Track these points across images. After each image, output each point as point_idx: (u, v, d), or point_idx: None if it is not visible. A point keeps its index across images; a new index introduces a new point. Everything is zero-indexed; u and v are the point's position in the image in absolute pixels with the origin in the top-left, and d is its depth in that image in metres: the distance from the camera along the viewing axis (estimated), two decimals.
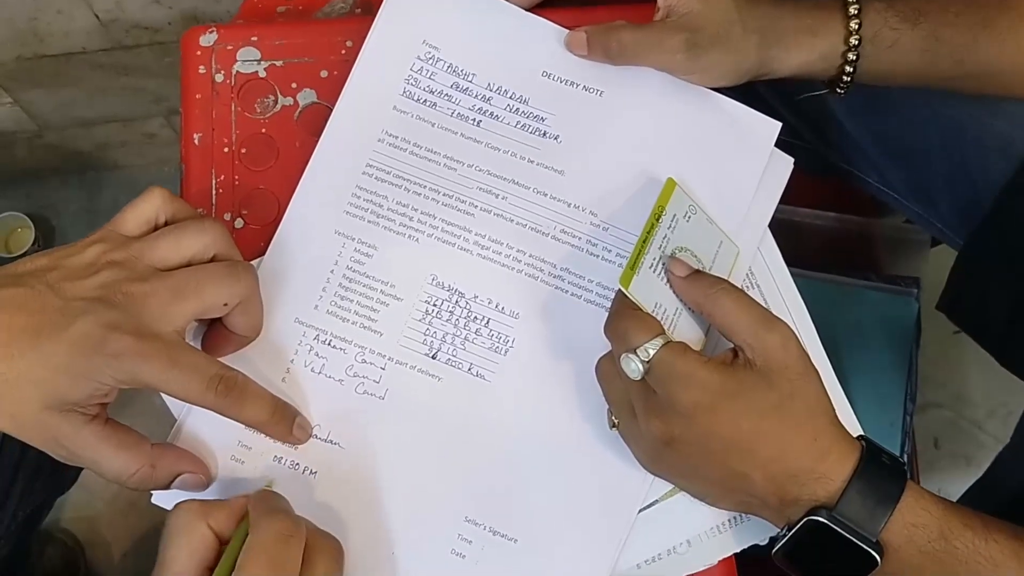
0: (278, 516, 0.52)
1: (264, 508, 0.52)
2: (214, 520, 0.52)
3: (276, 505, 0.53)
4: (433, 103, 0.65)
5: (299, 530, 0.52)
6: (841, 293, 0.99)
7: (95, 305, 0.53)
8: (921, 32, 0.65)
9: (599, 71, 0.65)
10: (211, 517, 0.52)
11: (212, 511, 0.52)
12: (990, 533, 0.53)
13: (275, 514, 0.52)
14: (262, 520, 0.51)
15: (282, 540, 0.50)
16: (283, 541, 0.50)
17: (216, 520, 0.52)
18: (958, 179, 0.77)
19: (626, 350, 0.55)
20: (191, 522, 0.52)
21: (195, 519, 0.52)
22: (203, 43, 0.66)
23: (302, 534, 0.52)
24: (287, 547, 0.50)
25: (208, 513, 0.52)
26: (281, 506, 0.53)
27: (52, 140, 1.35)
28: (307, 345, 0.62)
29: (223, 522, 0.52)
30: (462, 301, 0.62)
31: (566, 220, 0.63)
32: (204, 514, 0.52)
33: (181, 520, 0.52)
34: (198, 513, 0.52)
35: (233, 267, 0.57)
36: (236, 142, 0.65)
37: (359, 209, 0.63)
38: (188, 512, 0.52)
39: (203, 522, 0.52)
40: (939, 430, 1.38)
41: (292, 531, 0.51)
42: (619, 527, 0.60)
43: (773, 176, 0.65)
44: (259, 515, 0.52)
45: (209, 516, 0.52)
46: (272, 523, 0.51)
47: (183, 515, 0.52)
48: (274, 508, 0.53)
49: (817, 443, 0.54)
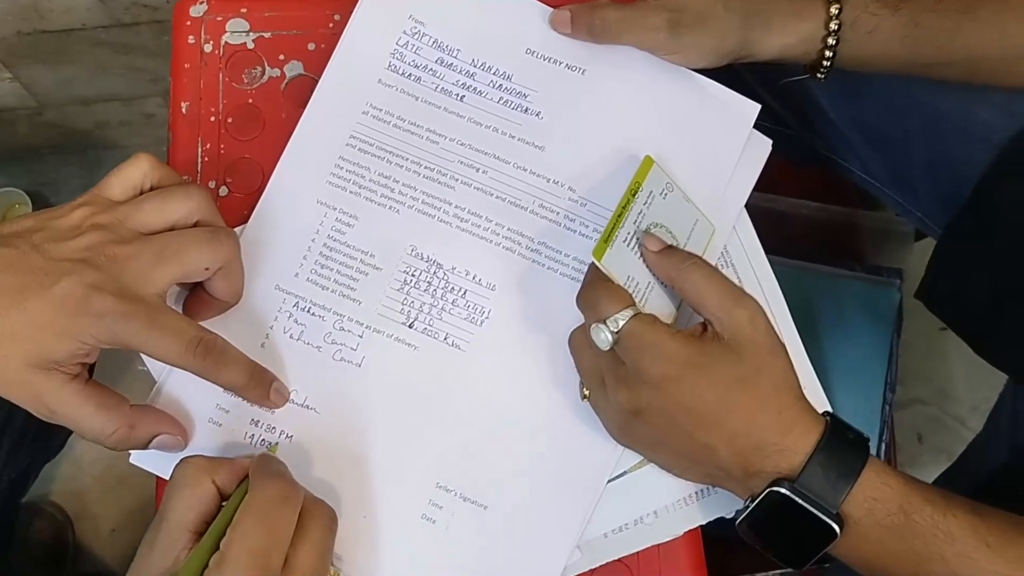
0: (276, 479, 0.53)
1: (264, 470, 0.53)
2: (218, 477, 0.53)
3: (275, 469, 0.54)
4: (418, 77, 0.66)
5: (295, 494, 0.53)
6: (825, 282, 1.00)
7: (79, 266, 0.54)
8: (902, 18, 0.66)
9: (582, 49, 0.66)
10: (216, 474, 0.53)
11: (217, 468, 0.54)
12: (950, 508, 0.54)
13: (273, 476, 0.53)
14: (260, 481, 0.52)
15: (278, 502, 0.51)
16: (279, 503, 0.51)
17: (220, 477, 0.53)
18: (939, 168, 0.78)
19: (596, 320, 0.56)
20: (196, 476, 0.53)
21: (200, 473, 0.53)
22: (193, 14, 0.67)
23: (298, 498, 0.53)
24: (282, 509, 0.51)
25: (213, 469, 0.53)
26: (280, 470, 0.55)
27: (52, 118, 1.36)
28: (287, 312, 0.63)
29: (226, 479, 0.54)
30: (440, 272, 0.63)
31: (545, 195, 0.64)
32: (209, 470, 0.53)
33: (187, 473, 0.53)
34: (204, 468, 0.53)
35: (215, 232, 0.58)
36: (223, 111, 0.66)
37: (341, 180, 0.64)
38: (194, 466, 0.53)
39: (208, 477, 0.53)
40: (923, 425, 1.39)
41: (288, 494, 0.52)
42: (588, 497, 0.61)
43: (751, 157, 0.66)
44: (258, 476, 0.53)
45: (214, 472, 0.53)
46: (270, 485, 0.52)
47: (189, 469, 0.53)
48: (273, 471, 0.54)
49: (781, 416, 0.55)
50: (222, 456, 0.60)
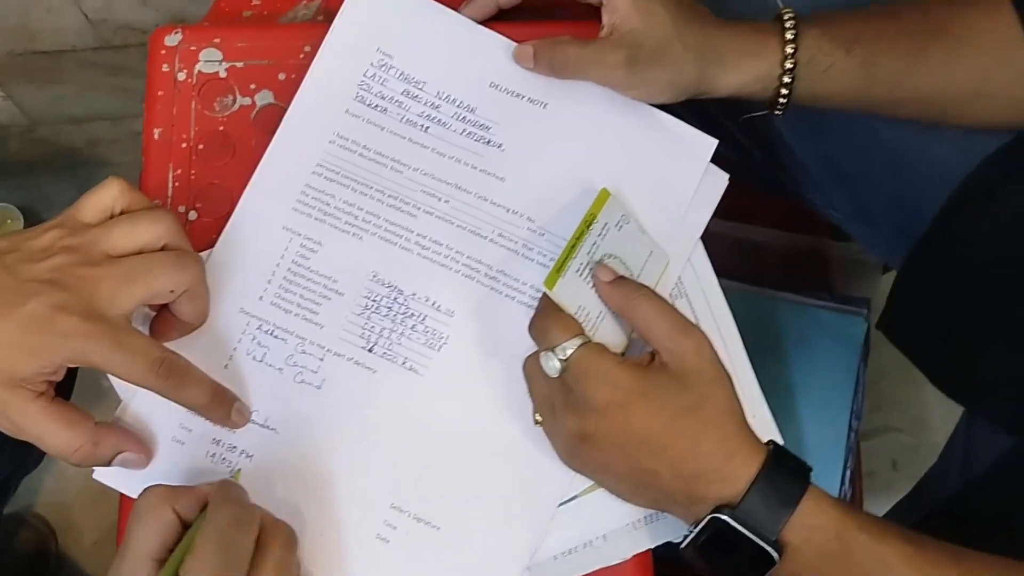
0: (232, 503, 0.54)
1: (222, 496, 0.55)
2: (179, 505, 0.54)
3: (233, 494, 0.56)
4: (384, 108, 0.68)
5: (253, 517, 0.54)
6: (794, 310, 1.02)
7: (48, 287, 0.56)
8: (855, 59, 0.68)
9: (545, 84, 0.68)
10: (177, 502, 0.54)
11: (178, 496, 0.55)
12: (884, 537, 0.56)
13: (231, 501, 0.54)
14: (218, 506, 0.54)
15: (235, 525, 0.53)
16: (236, 526, 0.53)
17: (181, 505, 0.54)
18: (898, 202, 0.80)
19: (546, 348, 0.58)
20: (158, 505, 0.54)
21: (162, 502, 0.54)
22: (168, 43, 0.69)
23: (255, 521, 0.54)
24: (239, 532, 0.53)
25: (174, 498, 0.54)
26: (238, 495, 0.56)
27: (44, 135, 1.38)
28: (250, 334, 0.64)
29: (187, 507, 0.55)
30: (400, 298, 0.65)
31: (504, 224, 0.66)
32: (171, 498, 0.54)
33: (149, 502, 0.54)
34: (165, 497, 0.54)
35: (181, 256, 0.60)
36: (194, 138, 0.68)
37: (307, 207, 0.66)
38: (156, 496, 0.55)
39: (169, 506, 0.54)
40: (898, 453, 1.41)
41: (244, 517, 0.54)
42: (539, 519, 0.62)
43: (708, 191, 0.68)
44: (216, 502, 0.54)
45: (175, 501, 0.54)
46: (226, 509, 0.54)
47: (151, 498, 0.54)
48: (231, 496, 0.55)
49: (724, 445, 0.57)
50: (184, 475, 0.62)
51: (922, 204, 0.78)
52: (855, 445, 1.00)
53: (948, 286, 0.78)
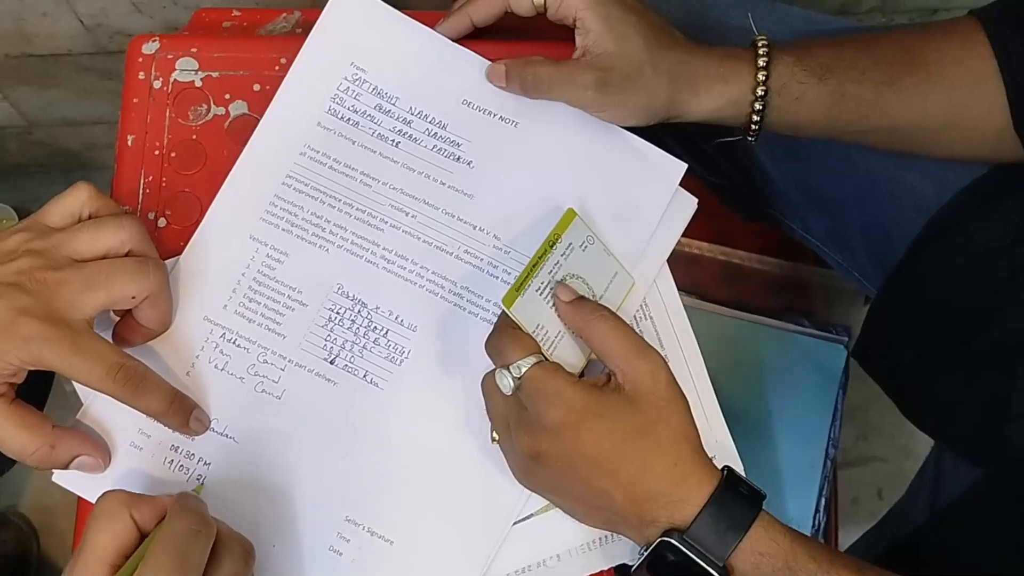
0: (189, 513, 0.54)
1: (180, 506, 0.55)
2: (138, 512, 0.54)
3: (191, 505, 0.56)
4: (356, 122, 0.68)
5: (208, 527, 0.54)
6: (774, 336, 1.02)
7: (10, 290, 0.56)
8: (827, 87, 0.68)
9: (516, 103, 0.68)
10: (135, 508, 0.54)
11: (137, 503, 0.55)
12: (833, 567, 0.55)
13: (187, 512, 0.54)
14: (175, 516, 0.54)
15: (190, 535, 0.53)
16: (191, 536, 0.53)
17: (140, 512, 0.54)
18: (873, 230, 0.80)
19: (501, 365, 0.58)
20: (116, 509, 0.54)
21: (120, 507, 0.54)
22: (145, 51, 0.70)
23: (211, 532, 0.54)
24: (193, 542, 0.53)
25: (133, 504, 0.54)
26: (196, 506, 0.56)
27: (41, 137, 1.39)
28: (213, 342, 0.65)
29: (146, 515, 0.55)
30: (364, 311, 0.65)
31: (470, 241, 0.66)
32: (129, 504, 0.54)
33: (107, 506, 0.54)
34: (124, 502, 0.54)
35: (144, 263, 0.60)
36: (167, 146, 0.68)
37: (275, 217, 0.66)
38: (114, 500, 0.54)
39: (127, 512, 0.54)
40: (884, 481, 1.40)
41: (200, 527, 0.54)
42: (492, 537, 0.62)
43: (676, 214, 0.68)
44: (174, 512, 0.54)
45: (133, 507, 0.54)
46: (184, 519, 0.54)
47: (110, 502, 0.54)
48: (189, 507, 0.55)
49: (677, 468, 0.57)
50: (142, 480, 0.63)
51: (896, 232, 0.79)
52: (832, 473, 0.99)
53: (919, 316, 0.78)
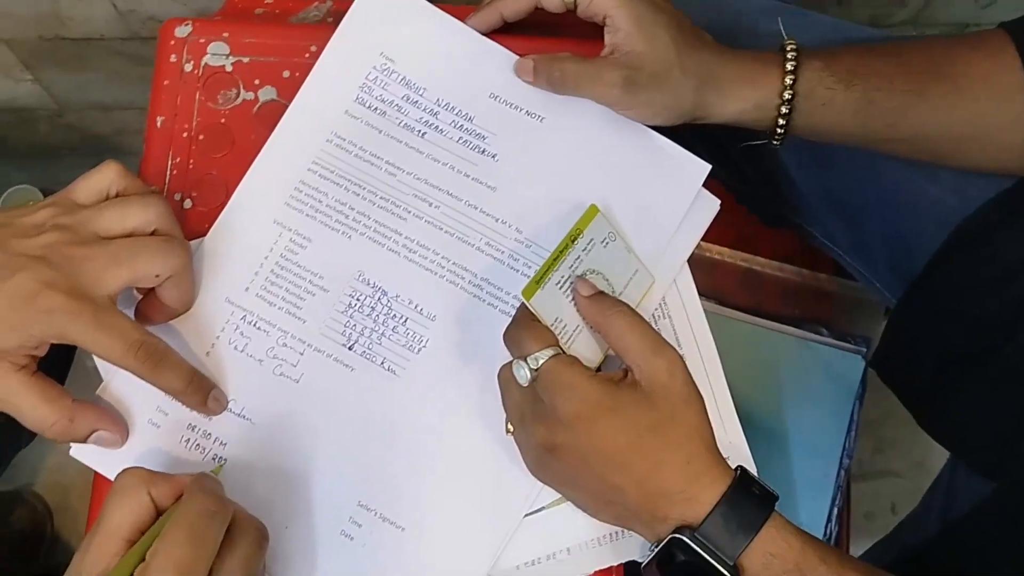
0: (206, 494, 0.55)
1: (198, 487, 0.55)
2: (156, 490, 0.55)
3: (208, 486, 0.56)
4: (383, 111, 0.69)
5: (224, 509, 0.54)
6: (792, 343, 1.01)
7: (36, 263, 0.57)
8: (854, 94, 0.68)
9: (543, 98, 0.69)
10: (154, 486, 0.55)
11: (156, 481, 0.55)
12: (844, 570, 0.55)
13: (206, 493, 0.55)
14: (192, 496, 0.54)
15: (206, 515, 0.53)
16: (206, 517, 0.53)
17: (158, 490, 0.55)
18: (894, 241, 0.80)
19: (519, 357, 0.58)
20: (135, 486, 0.55)
21: (139, 484, 0.55)
22: (178, 34, 0.71)
23: (227, 514, 0.55)
24: (209, 523, 0.53)
25: (152, 482, 0.55)
26: (213, 487, 0.56)
27: (71, 120, 1.40)
28: (234, 324, 0.65)
29: (164, 493, 0.55)
30: (384, 299, 0.66)
31: (492, 234, 0.66)
32: (148, 482, 0.55)
33: (126, 483, 0.55)
34: (143, 480, 0.55)
35: (169, 242, 0.61)
36: (195, 128, 0.69)
37: (299, 203, 0.67)
38: (134, 477, 0.55)
39: (145, 489, 0.54)
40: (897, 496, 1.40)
41: (216, 509, 0.54)
42: (503, 528, 0.63)
43: (698, 215, 0.68)
44: (191, 492, 0.55)
45: (152, 485, 0.55)
46: (201, 500, 0.54)
47: (129, 479, 0.55)
48: (206, 488, 0.55)
49: (690, 466, 0.57)
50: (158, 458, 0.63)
51: (917, 243, 0.78)
52: (845, 484, 0.99)
53: (940, 328, 0.78)
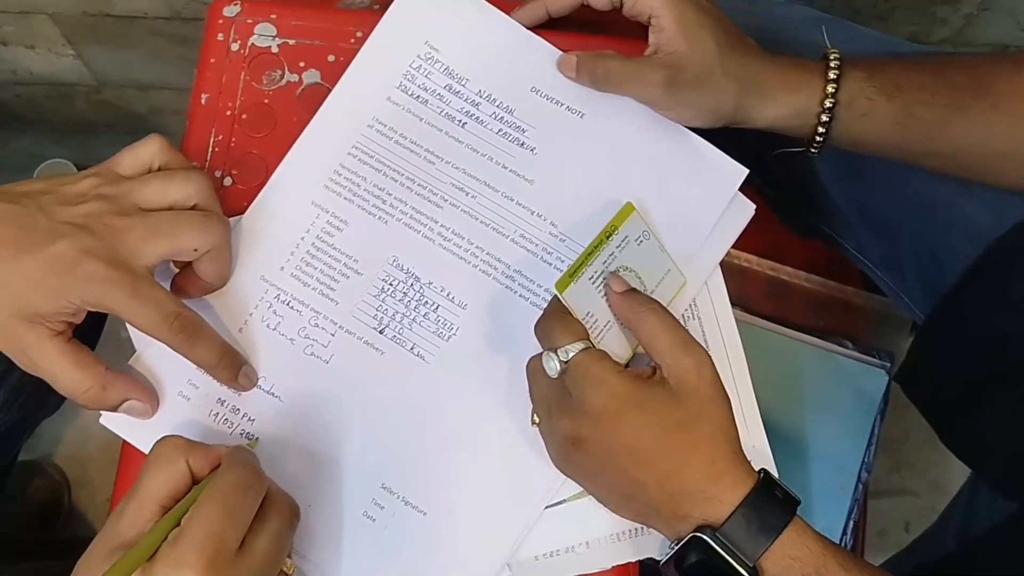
0: (242, 467, 0.55)
1: (233, 459, 0.56)
2: (193, 459, 0.56)
3: (244, 458, 0.57)
4: (425, 100, 0.69)
5: (259, 483, 0.55)
6: (816, 354, 1.01)
7: (77, 231, 0.58)
8: (895, 106, 0.68)
9: (584, 95, 0.69)
10: (191, 455, 0.56)
11: (193, 451, 0.56)
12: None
13: (241, 465, 0.56)
14: (229, 467, 0.55)
15: (240, 488, 0.54)
16: (241, 489, 0.54)
17: (195, 460, 0.56)
18: (925, 256, 0.80)
19: (549, 348, 0.59)
20: (172, 454, 0.55)
21: (177, 452, 0.55)
22: (226, 13, 0.72)
23: (262, 488, 0.55)
24: (244, 495, 0.54)
25: (189, 451, 0.56)
26: (249, 460, 0.57)
27: (109, 97, 1.41)
28: (267, 302, 0.66)
29: (201, 463, 0.56)
30: (416, 285, 0.66)
31: (527, 226, 0.67)
32: (185, 450, 0.56)
33: (164, 451, 0.56)
34: (180, 448, 0.56)
35: (208, 217, 0.62)
36: (239, 107, 0.70)
37: (338, 185, 0.68)
38: (172, 445, 0.56)
39: (183, 458, 0.55)
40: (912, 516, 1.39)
41: (252, 483, 0.55)
42: (524, 518, 0.63)
43: (733, 218, 0.68)
44: (227, 464, 0.56)
45: (190, 454, 0.56)
46: (237, 472, 0.55)
47: (167, 447, 0.56)
48: (243, 460, 0.56)
49: (714, 466, 0.57)
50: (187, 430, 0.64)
51: (949, 260, 0.78)
52: (863, 498, 0.99)
53: (968, 345, 0.78)
